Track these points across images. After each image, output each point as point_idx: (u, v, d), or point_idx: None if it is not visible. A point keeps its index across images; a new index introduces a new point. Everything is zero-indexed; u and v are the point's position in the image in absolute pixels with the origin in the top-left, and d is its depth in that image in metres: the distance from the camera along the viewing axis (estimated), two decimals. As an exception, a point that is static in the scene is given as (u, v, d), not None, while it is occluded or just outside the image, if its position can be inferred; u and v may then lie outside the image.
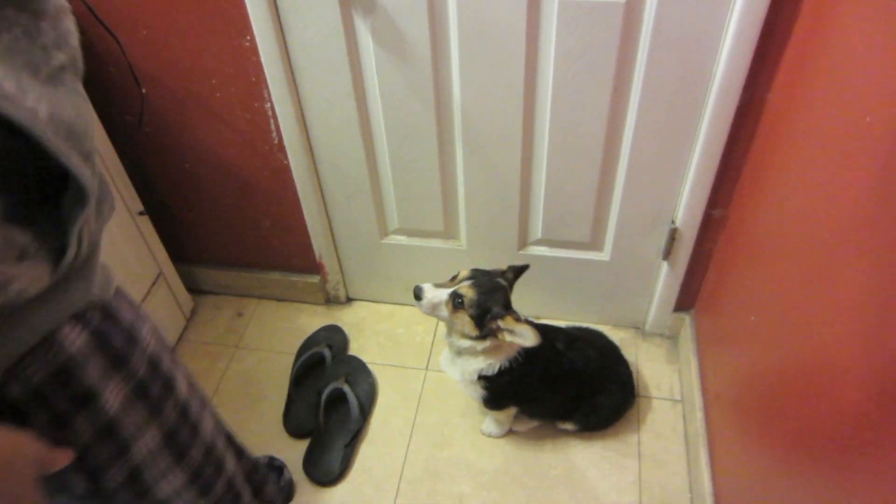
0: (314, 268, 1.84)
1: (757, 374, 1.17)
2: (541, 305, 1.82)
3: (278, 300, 1.97)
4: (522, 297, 1.79)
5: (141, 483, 0.74)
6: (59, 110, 0.51)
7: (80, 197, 0.54)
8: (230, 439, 1.01)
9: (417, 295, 1.30)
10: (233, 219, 1.76)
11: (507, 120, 1.38)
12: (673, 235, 1.50)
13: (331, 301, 1.95)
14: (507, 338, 1.26)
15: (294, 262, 1.86)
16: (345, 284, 1.91)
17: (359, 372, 1.74)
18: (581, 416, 1.55)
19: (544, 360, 1.42)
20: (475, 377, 1.39)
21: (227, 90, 1.44)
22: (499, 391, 1.41)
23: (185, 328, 1.90)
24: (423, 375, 1.75)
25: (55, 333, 0.60)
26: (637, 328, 1.81)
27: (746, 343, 1.25)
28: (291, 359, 1.81)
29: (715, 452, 1.40)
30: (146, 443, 0.73)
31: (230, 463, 0.94)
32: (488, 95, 1.35)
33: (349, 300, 1.96)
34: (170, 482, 0.79)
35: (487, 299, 1.28)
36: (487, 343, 1.32)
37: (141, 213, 1.63)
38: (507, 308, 1.30)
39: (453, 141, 1.46)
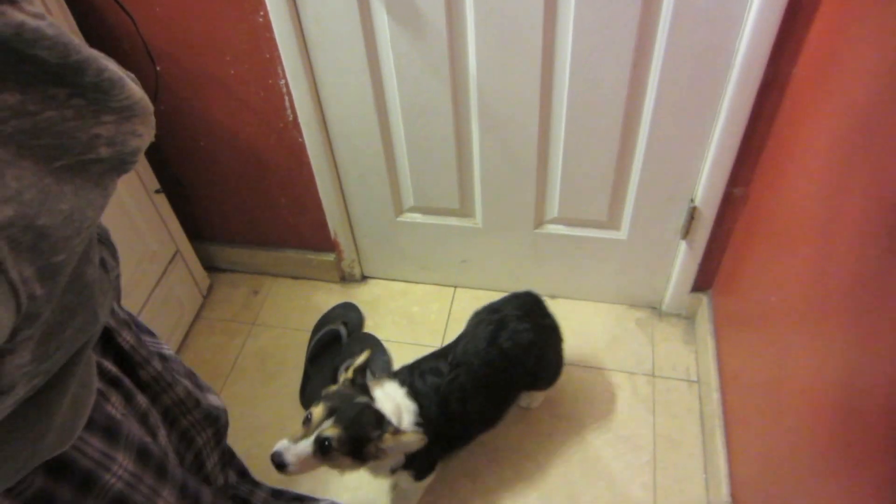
0: (329, 246, 1.84)
1: (777, 355, 1.15)
2: (556, 284, 1.80)
3: (294, 278, 1.98)
4: (539, 275, 1.79)
5: None
6: (36, 213, 0.43)
7: None
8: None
9: (279, 462, 1.08)
10: (248, 196, 1.76)
11: (524, 96, 1.36)
12: (692, 214, 1.48)
13: (346, 279, 1.95)
14: (393, 453, 1.14)
15: (309, 240, 1.86)
16: (360, 262, 1.91)
17: (374, 349, 1.74)
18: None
19: (441, 403, 1.27)
20: (391, 473, 1.26)
21: (242, 67, 1.43)
22: (425, 460, 1.28)
23: (202, 306, 1.91)
24: (437, 354, 1.75)
25: None
26: (653, 308, 1.79)
27: (766, 324, 1.23)
28: (307, 336, 1.82)
29: (731, 433, 1.39)
30: None
31: None
32: (505, 71, 1.33)
33: (364, 278, 1.96)
34: None
35: (358, 429, 1.11)
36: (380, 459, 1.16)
37: (157, 192, 1.63)
38: (380, 423, 1.14)
39: (469, 118, 1.44)
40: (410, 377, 1.29)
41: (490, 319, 1.38)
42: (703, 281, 1.64)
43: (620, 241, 1.62)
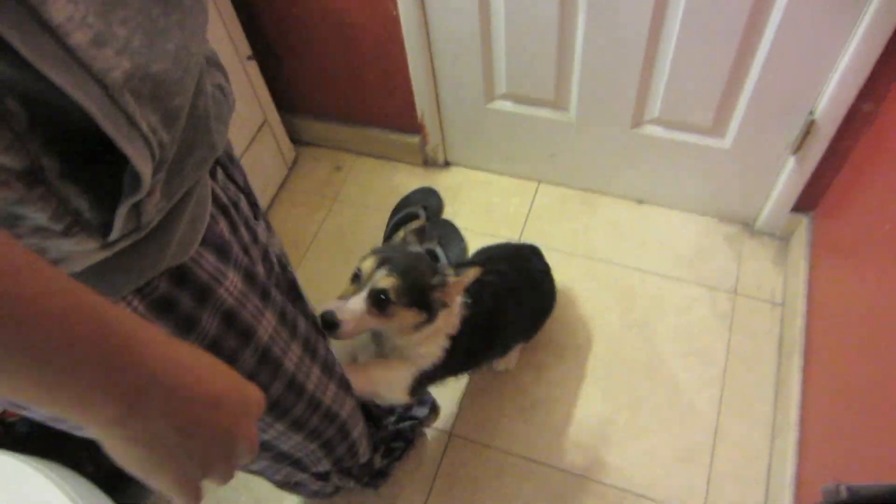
0: (415, 128, 1.81)
1: (879, 288, 1.08)
2: (645, 188, 1.73)
3: (376, 157, 1.97)
4: (628, 178, 1.71)
5: None
6: (147, 60, 0.42)
7: (136, 180, 0.44)
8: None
9: (330, 323, 0.94)
10: (338, 70, 1.72)
11: (641, -19, 1.24)
12: (808, 128, 1.36)
13: (428, 163, 1.93)
14: (456, 297, 1.06)
15: (395, 121, 1.83)
16: (444, 148, 1.88)
17: (451, 236, 1.75)
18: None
19: (476, 293, 1.16)
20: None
21: (341, -71, 1.36)
22: (447, 362, 1.14)
23: (286, 177, 1.94)
24: (514, 247, 1.74)
25: None
26: (746, 224, 1.70)
27: (873, 255, 1.15)
28: (386, 216, 1.83)
29: (810, 360, 1.34)
30: None
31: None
32: (623, -49, 1.21)
33: (447, 164, 1.93)
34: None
35: (417, 275, 1.00)
36: (437, 321, 1.05)
37: (249, 58, 1.62)
38: (436, 270, 1.03)
39: (576, 0, 1.34)
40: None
41: (516, 246, 1.47)
42: (807, 201, 1.54)
43: (723, 150, 1.52)
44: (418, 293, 0.99)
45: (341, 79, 1.75)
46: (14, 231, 0.41)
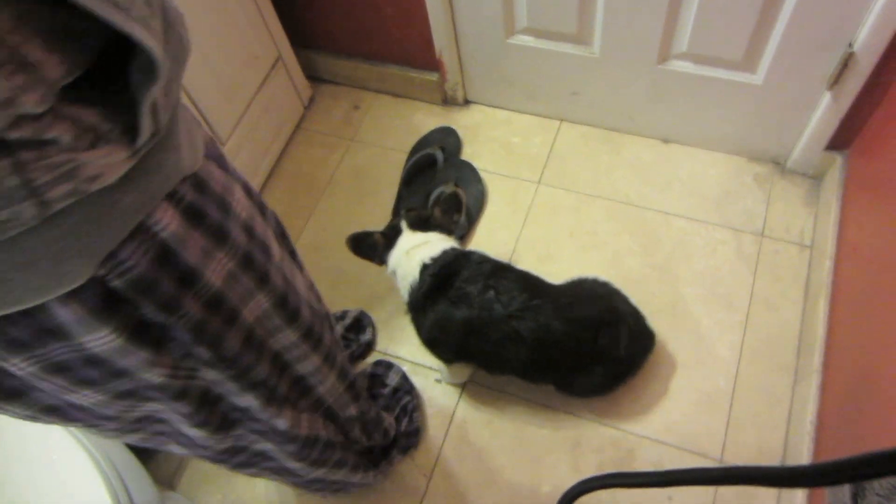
0: (433, 65, 1.75)
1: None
2: (671, 127, 1.67)
3: (395, 96, 1.92)
4: (654, 116, 1.65)
5: (257, 342, 0.73)
6: None
7: (150, 70, 0.46)
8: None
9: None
10: (353, 1, 1.66)
11: None
12: (846, 61, 1.28)
13: (448, 102, 1.87)
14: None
15: (413, 57, 1.77)
16: (463, 85, 1.82)
17: (469, 178, 1.71)
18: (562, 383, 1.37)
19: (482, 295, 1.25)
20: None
21: None
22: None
23: (303, 116, 1.91)
24: (534, 189, 1.70)
25: (146, 219, 0.54)
26: (777, 163, 1.63)
27: (909, 195, 1.09)
28: (404, 156, 1.80)
29: (836, 304, 1.30)
30: (255, 308, 0.70)
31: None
32: None
33: (466, 102, 1.88)
34: (285, 337, 0.79)
35: (453, 204, 1.41)
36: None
37: (260, -9, 1.57)
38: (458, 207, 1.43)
39: (601, -74, 1.26)
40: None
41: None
42: (842, 139, 1.46)
43: (754, 85, 1.44)
44: (450, 207, 1.40)
45: (357, 11, 1.69)
46: (51, 153, 0.43)
